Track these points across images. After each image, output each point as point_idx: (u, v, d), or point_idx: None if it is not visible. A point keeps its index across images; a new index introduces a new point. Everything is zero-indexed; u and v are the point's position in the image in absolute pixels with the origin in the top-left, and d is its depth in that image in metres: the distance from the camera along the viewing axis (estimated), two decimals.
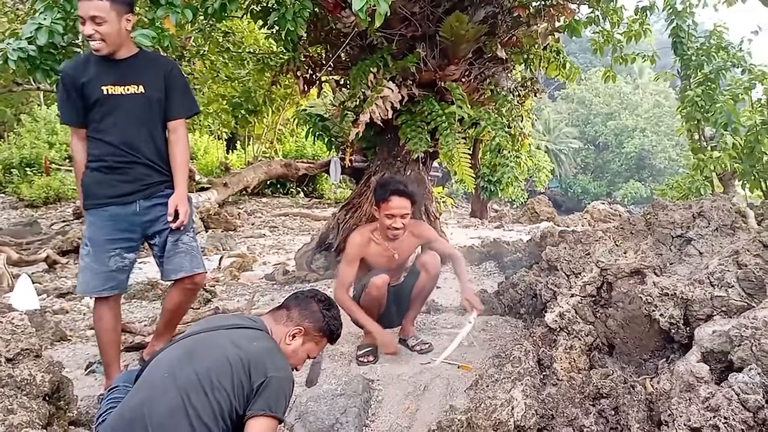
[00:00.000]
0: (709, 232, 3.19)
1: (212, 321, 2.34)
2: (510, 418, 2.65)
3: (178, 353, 2.09)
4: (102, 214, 3.08)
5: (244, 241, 9.46)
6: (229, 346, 2.06)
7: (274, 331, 2.29)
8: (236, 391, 1.99)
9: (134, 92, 3.08)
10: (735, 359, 2.17)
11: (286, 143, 17.44)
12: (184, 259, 3.19)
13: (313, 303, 2.39)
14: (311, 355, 2.42)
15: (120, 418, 1.96)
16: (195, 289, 3.35)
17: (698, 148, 6.69)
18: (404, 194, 3.64)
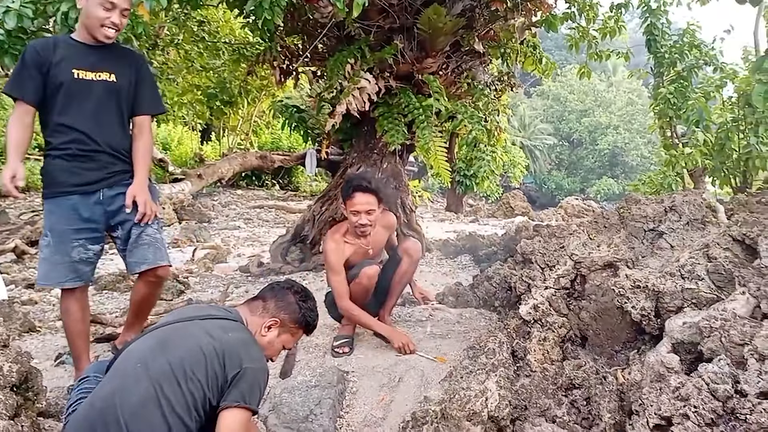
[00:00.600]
0: (680, 226, 3.23)
1: (186, 311, 2.30)
2: (484, 409, 2.66)
3: (151, 343, 2.06)
4: (64, 203, 2.97)
5: (219, 233, 9.38)
6: (203, 337, 2.04)
7: (250, 322, 2.27)
8: (210, 382, 1.97)
9: (105, 80, 3.01)
10: (705, 350, 2.20)
11: (261, 135, 17.32)
12: (147, 252, 3.10)
13: (290, 294, 2.37)
14: (287, 346, 2.41)
15: (91, 408, 1.93)
16: (159, 282, 3.27)
17: (670, 145, 6.79)
18: (368, 190, 3.61)
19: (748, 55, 6.86)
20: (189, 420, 1.94)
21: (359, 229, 3.66)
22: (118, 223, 3.10)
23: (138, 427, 1.87)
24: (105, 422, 1.87)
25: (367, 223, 3.63)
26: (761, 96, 3.85)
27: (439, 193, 22.52)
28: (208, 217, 10.45)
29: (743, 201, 3.51)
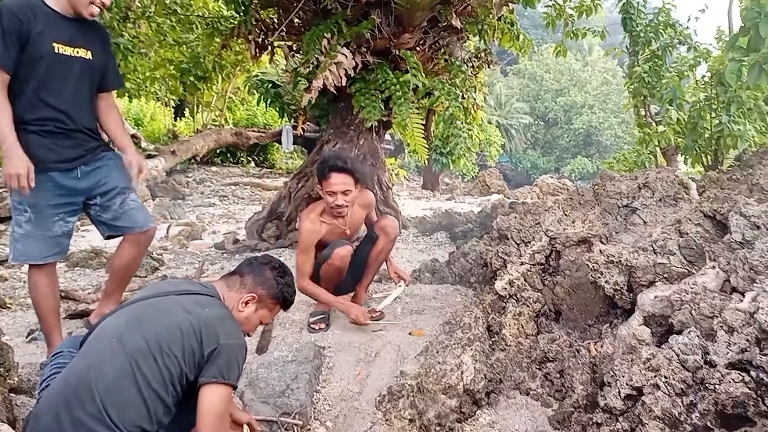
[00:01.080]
0: (653, 202, 3.28)
1: (162, 286, 2.28)
2: (459, 382, 2.70)
3: (126, 319, 2.04)
4: (42, 178, 2.90)
5: (193, 210, 9.28)
6: (179, 312, 2.02)
7: (227, 297, 2.25)
8: (187, 358, 1.96)
9: (83, 57, 2.96)
10: (675, 322, 2.25)
11: (236, 111, 17.09)
12: (137, 215, 3.18)
13: (267, 270, 2.36)
14: (264, 321, 2.40)
15: (65, 384, 1.91)
16: (148, 243, 3.32)
17: (644, 124, 6.86)
18: (344, 170, 3.55)
19: (721, 35, 6.92)
20: (165, 395, 1.93)
21: (335, 210, 3.61)
22: (97, 194, 3.09)
23: (114, 402, 1.85)
24: (80, 398, 1.85)
25: (343, 203, 3.58)
26: (734, 74, 3.90)
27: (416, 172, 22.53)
28: (182, 194, 10.32)
29: (714, 178, 3.57)
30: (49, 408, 1.87)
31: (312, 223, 3.74)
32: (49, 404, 1.88)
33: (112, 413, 1.84)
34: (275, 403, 2.94)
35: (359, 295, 4.12)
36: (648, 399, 1.88)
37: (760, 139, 5.58)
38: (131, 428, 1.86)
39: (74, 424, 1.83)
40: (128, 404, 1.87)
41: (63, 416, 1.84)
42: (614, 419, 2.05)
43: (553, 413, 2.61)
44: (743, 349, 1.81)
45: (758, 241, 2.31)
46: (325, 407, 3.00)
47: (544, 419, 2.62)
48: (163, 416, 1.95)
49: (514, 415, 2.69)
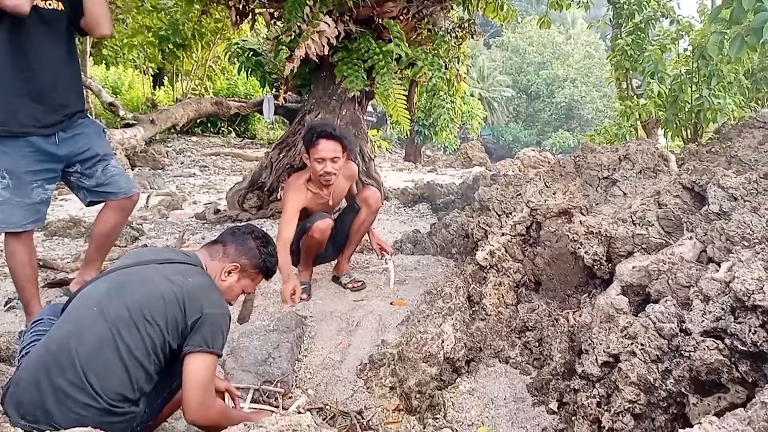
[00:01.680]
0: (633, 174, 3.31)
1: (143, 254, 2.25)
2: (440, 351, 2.73)
3: (108, 287, 2.02)
4: (20, 143, 2.87)
5: (173, 180, 9.19)
6: (162, 282, 2.01)
7: (209, 266, 2.24)
8: (170, 326, 1.95)
9: (55, 8, 2.86)
10: (652, 292, 2.29)
11: (217, 81, 16.84)
12: (120, 180, 3.16)
13: (250, 239, 2.34)
14: (246, 291, 2.39)
15: (45, 351, 1.89)
16: (131, 209, 3.30)
17: (625, 96, 6.88)
18: (333, 137, 3.52)
19: (704, 8, 6.94)
20: (148, 363, 1.92)
21: (324, 177, 3.56)
22: (77, 161, 3.04)
23: (95, 370, 1.85)
24: (60, 365, 1.84)
25: (332, 171, 3.54)
26: (716, 46, 3.91)
27: (398, 144, 22.47)
28: (162, 164, 10.21)
29: (694, 151, 3.60)
30: (29, 375, 1.86)
31: (298, 189, 3.71)
32: (29, 372, 1.87)
33: (93, 381, 1.83)
34: (257, 372, 2.96)
35: (341, 265, 4.13)
36: (624, 366, 1.91)
37: (739, 113, 5.64)
38: (113, 396, 1.86)
39: (55, 392, 1.82)
40: (110, 372, 1.87)
41: (43, 383, 1.83)
42: (591, 385, 2.09)
43: (531, 381, 2.65)
44: (718, 318, 1.85)
45: (735, 213, 2.35)
46: (307, 375, 3.03)
47: (522, 386, 2.67)
48: (145, 384, 1.95)
49: (493, 383, 2.74)
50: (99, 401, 1.83)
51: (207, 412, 1.96)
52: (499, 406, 2.57)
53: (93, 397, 1.83)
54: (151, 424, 2.13)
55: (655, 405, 1.86)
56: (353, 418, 2.57)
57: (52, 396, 1.82)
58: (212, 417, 1.98)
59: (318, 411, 2.68)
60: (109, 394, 1.85)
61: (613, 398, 1.94)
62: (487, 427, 2.42)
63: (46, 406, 1.81)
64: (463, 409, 2.58)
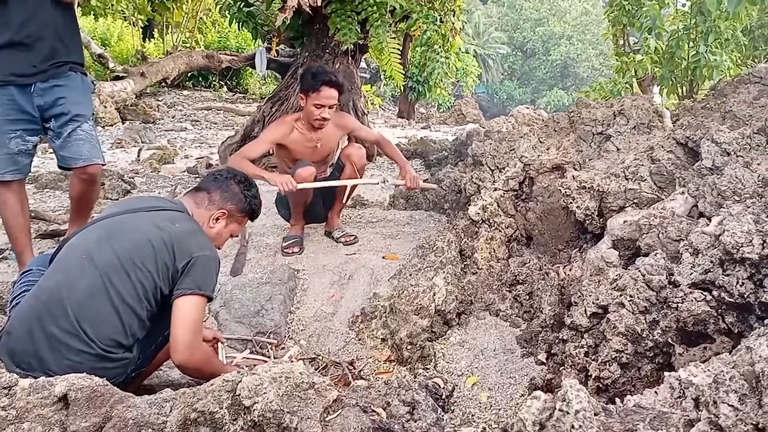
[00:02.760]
0: (627, 129, 3.30)
1: (131, 203, 2.25)
2: (431, 303, 2.75)
3: (97, 235, 2.02)
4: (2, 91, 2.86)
5: (164, 134, 9.09)
6: (151, 228, 2.01)
7: (196, 214, 2.24)
8: (160, 272, 1.96)
9: None
10: (643, 245, 2.31)
11: (207, 33, 16.51)
12: (83, 147, 3.03)
13: (233, 184, 2.34)
14: (234, 234, 2.41)
15: (36, 301, 1.90)
16: (92, 181, 3.15)
17: (622, 53, 6.81)
18: (335, 85, 3.59)
19: None
20: (140, 309, 1.94)
21: (318, 122, 3.63)
22: (52, 116, 2.98)
23: (88, 317, 1.86)
24: (52, 314, 1.85)
25: (328, 117, 3.62)
26: (715, 0, 3.86)
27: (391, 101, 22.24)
28: (153, 118, 10.08)
29: (688, 107, 3.58)
30: (21, 324, 1.88)
31: (282, 123, 3.76)
32: (21, 321, 1.89)
33: (87, 328, 1.85)
34: (250, 323, 2.99)
35: (332, 221, 4.13)
36: (613, 317, 1.94)
37: (735, 70, 5.60)
38: (106, 342, 1.88)
39: (48, 339, 1.84)
40: (102, 319, 1.88)
41: (36, 332, 1.84)
42: (579, 336, 2.12)
43: (521, 333, 2.69)
44: (707, 270, 1.87)
45: (728, 167, 2.35)
46: (300, 327, 3.06)
47: (512, 338, 2.71)
48: (138, 330, 1.97)
49: (483, 335, 2.77)
50: (93, 347, 1.86)
51: (194, 353, 1.98)
52: (488, 357, 2.61)
53: (87, 343, 1.85)
54: (145, 371, 2.16)
55: (642, 355, 1.89)
56: (345, 368, 2.62)
57: (46, 344, 1.83)
58: (198, 359, 2.00)
59: (310, 361, 2.72)
60: (103, 341, 1.87)
61: (601, 348, 1.97)
62: (476, 377, 2.46)
63: (40, 354, 1.83)
64: (453, 360, 2.62)
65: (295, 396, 1.53)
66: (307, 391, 1.55)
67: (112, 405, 1.60)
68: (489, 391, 2.39)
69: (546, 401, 1.18)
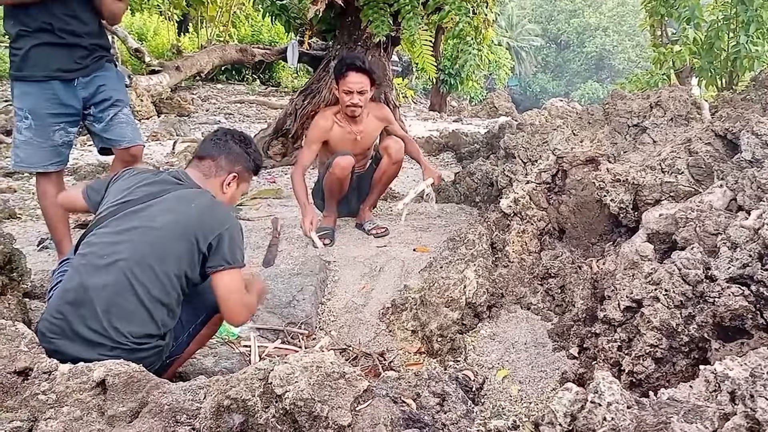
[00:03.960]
0: (664, 121, 3.23)
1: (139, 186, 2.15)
2: (462, 296, 2.75)
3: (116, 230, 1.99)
4: (43, 86, 2.94)
5: (199, 127, 9.21)
6: (168, 216, 1.99)
7: (206, 184, 2.21)
8: (184, 258, 1.95)
9: None
10: (679, 239, 2.26)
11: (241, 27, 16.63)
12: (126, 129, 3.17)
13: (234, 145, 2.32)
14: (244, 191, 2.46)
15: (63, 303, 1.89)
16: (134, 162, 3.25)
17: (659, 44, 6.67)
18: (361, 69, 3.60)
19: None
20: (168, 300, 1.95)
21: (350, 108, 3.65)
22: (93, 104, 3.09)
23: (117, 315, 1.87)
24: (81, 316, 1.87)
25: (358, 102, 3.63)
26: None
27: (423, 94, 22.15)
28: (187, 111, 10.20)
29: (728, 98, 3.50)
30: (52, 326, 1.88)
31: (324, 119, 3.80)
32: (52, 322, 1.89)
33: (118, 326, 1.86)
34: (281, 314, 3.02)
35: (363, 213, 4.15)
36: (647, 311, 1.91)
37: None
38: (139, 336, 1.90)
39: (82, 341, 1.84)
40: (132, 316, 1.89)
41: (69, 334, 1.85)
42: (612, 330, 2.09)
43: (552, 326, 2.67)
44: (745, 264, 1.83)
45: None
46: (330, 318, 3.08)
47: (543, 332, 2.69)
48: (169, 319, 1.99)
49: (514, 328, 2.76)
50: (126, 343, 1.87)
51: (249, 310, 2.13)
52: (519, 351, 2.59)
53: (119, 341, 1.86)
54: (179, 359, 2.19)
55: (677, 350, 1.85)
56: (375, 359, 2.62)
57: (81, 343, 1.85)
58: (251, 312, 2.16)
59: (341, 352, 2.73)
60: (135, 335, 1.89)
61: (635, 343, 1.94)
62: (507, 370, 2.45)
63: (75, 353, 1.84)
64: (483, 353, 2.61)
65: (326, 385, 1.54)
66: (338, 381, 1.56)
67: (148, 391, 1.63)
68: (520, 384, 2.37)
69: (578, 393, 1.17)
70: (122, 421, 1.55)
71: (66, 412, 1.54)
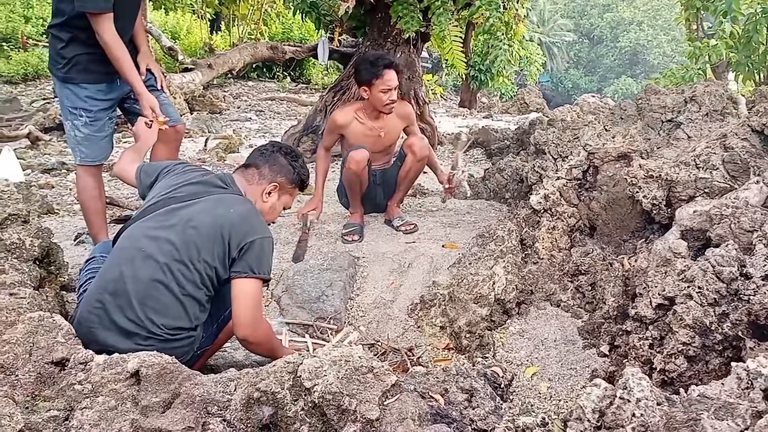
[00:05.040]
0: (699, 116, 3.17)
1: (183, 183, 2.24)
2: (491, 292, 2.74)
3: (155, 225, 2.06)
4: (98, 87, 3.15)
5: (230, 124, 9.31)
6: (206, 217, 2.05)
7: (248, 191, 2.28)
8: (217, 259, 2.02)
9: None
10: (713, 236, 2.22)
11: (272, 25, 16.76)
12: (169, 110, 3.33)
13: (281, 157, 2.38)
14: (286, 206, 2.47)
15: (102, 292, 1.96)
16: (179, 139, 3.47)
17: (695, 38, 6.53)
18: (394, 66, 3.68)
19: None
20: (200, 295, 2.02)
21: (389, 106, 3.71)
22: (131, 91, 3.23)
23: (152, 307, 1.94)
24: (119, 306, 1.94)
25: (395, 99, 3.71)
26: None
27: (453, 91, 22.05)
28: (219, 108, 10.32)
29: (765, 93, 3.41)
30: (90, 314, 1.95)
31: (344, 115, 3.85)
32: (90, 312, 1.96)
33: (153, 317, 1.93)
34: (311, 309, 3.04)
35: (391, 210, 4.15)
36: (680, 308, 1.88)
37: None
38: (171, 328, 1.96)
39: (118, 330, 1.92)
40: (166, 308, 1.95)
41: (105, 322, 1.93)
42: (644, 327, 2.06)
43: (582, 324, 2.64)
44: None
45: None
46: (359, 313, 3.09)
47: (573, 329, 2.66)
48: (200, 314, 2.05)
49: (543, 325, 2.74)
50: (160, 334, 1.94)
51: (257, 327, 2.07)
52: (548, 348, 2.57)
53: (153, 331, 1.93)
54: (209, 350, 2.23)
55: (710, 348, 1.82)
56: (404, 355, 2.63)
57: (116, 334, 1.92)
58: (262, 334, 2.09)
59: (370, 347, 2.74)
60: (168, 328, 1.95)
61: (667, 340, 1.91)
62: (536, 367, 2.44)
63: (110, 342, 1.91)
64: (512, 350, 2.60)
65: (355, 379, 1.55)
66: (366, 375, 1.57)
67: (181, 382, 1.66)
68: (549, 381, 2.36)
69: (606, 389, 1.16)
70: (155, 412, 1.58)
71: (101, 401, 1.58)
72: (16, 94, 9.70)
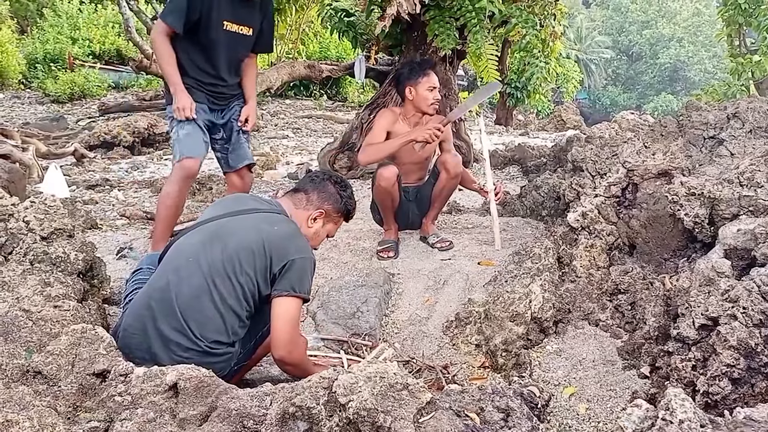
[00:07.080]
0: (742, 133, 3.10)
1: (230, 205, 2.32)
2: (527, 311, 2.70)
3: (201, 239, 2.12)
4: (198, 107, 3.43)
5: (268, 141, 9.46)
6: (250, 232, 2.10)
7: (295, 215, 2.32)
8: (259, 275, 2.05)
9: (245, 33, 3.51)
10: (758, 255, 2.16)
11: (309, 44, 17.04)
12: (247, 152, 3.74)
13: (330, 185, 2.41)
14: (330, 235, 2.48)
15: (149, 299, 2.03)
16: (250, 175, 3.85)
17: (737, 54, 6.41)
18: (435, 67, 3.88)
19: None
20: (240, 310, 2.05)
21: (434, 105, 3.79)
22: (223, 126, 3.65)
23: (194, 317, 1.99)
24: (164, 313, 1.99)
25: (439, 97, 3.84)
26: None
27: (489, 108, 22.01)
28: (257, 126, 10.51)
29: None
30: (135, 321, 2.01)
31: (391, 112, 3.93)
32: (135, 318, 2.02)
33: (194, 328, 1.97)
34: (346, 324, 3.05)
35: (426, 227, 4.14)
36: (724, 329, 1.83)
37: None
38: (211, 340, 2.00)
39: (160, 337, 1.97)
40: (207, 319, 2.00)
41: (149, 330, 1.98)
42: (686, 348, 2.01)
43: (622, 344, 2.59)
44: None
45: None
46: (394, 330, 3.08)
47: (612, 349, 2.61)
48: (239, 329, 2.08)
49: (581, 344, 2.69)
50: (199, 345, 1.97)
51: (294, 348, 2.07)
52: (587, 368, 2.52)
53: (193, 341, 1.96)
54: (246, 365, 2.26)
55: (756, 370, 1.77)
56: (439, 372, 2.61)
57: (158, 341, 1.96)
58: (298, 354, 2.10)
59: (404, 364, 2.73)
60: (208, 339, 1.99)
61: (710, 362, 1.86)
62: (574, 388, 2.39)
63: (153, 350, 1.96)
64: (549, 369, 2.56)
65: (389, 396, 1.54)
66: (401, 392, 1.57)
67: (218, 395, 1.67)
68: (587, 402, 2.31)
69: (648, 410, 1.13)
70: (192, 424, 1.60)
71: (140, 413, 1.60)
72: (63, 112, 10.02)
